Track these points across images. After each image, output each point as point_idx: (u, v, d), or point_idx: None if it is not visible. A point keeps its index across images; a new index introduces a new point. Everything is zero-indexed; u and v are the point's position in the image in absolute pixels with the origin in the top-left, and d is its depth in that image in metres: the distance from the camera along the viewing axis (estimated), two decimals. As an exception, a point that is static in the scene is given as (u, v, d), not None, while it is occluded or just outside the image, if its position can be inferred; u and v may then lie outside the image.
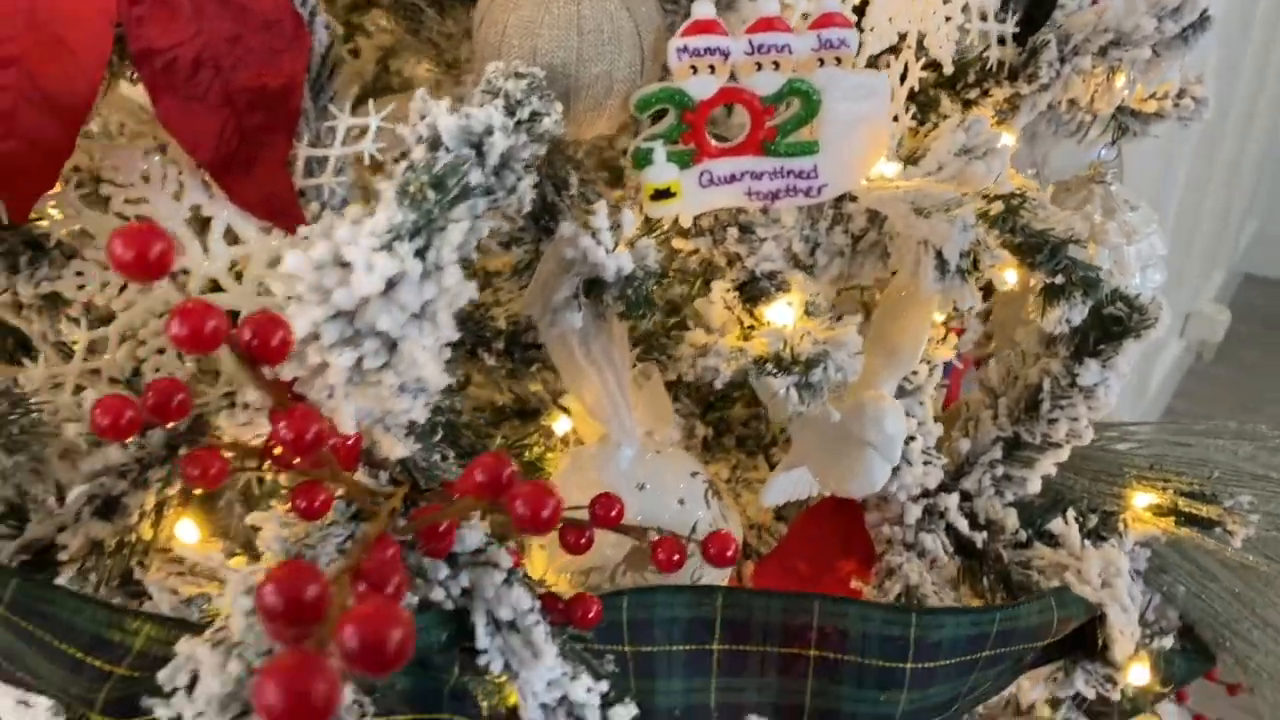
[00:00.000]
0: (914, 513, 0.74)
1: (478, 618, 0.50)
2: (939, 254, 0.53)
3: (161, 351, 0.60)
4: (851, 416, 0.59)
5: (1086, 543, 0.72)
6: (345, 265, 0.37)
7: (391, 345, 0.42)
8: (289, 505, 0.44)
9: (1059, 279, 0.66)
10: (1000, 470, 0.76)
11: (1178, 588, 0.83)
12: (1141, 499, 0.77)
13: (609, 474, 0.65)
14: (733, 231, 0.57)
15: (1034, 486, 0.76)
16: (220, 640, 0.40)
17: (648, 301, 0.53)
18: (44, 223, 0.60)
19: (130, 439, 0.48)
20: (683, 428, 0.83)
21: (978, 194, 0.55)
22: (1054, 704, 0.90)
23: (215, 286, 0.60)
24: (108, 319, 0.60)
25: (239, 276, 0.60)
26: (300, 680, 0.20)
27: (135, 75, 0.58)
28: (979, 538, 0.74)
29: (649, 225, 0.57)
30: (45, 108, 0.53)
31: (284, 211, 0.61)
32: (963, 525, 0.74)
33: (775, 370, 0.52)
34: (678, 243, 0.59)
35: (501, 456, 0.35)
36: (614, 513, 0.47)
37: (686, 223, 0.56)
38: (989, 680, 0.63)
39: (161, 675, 0.40)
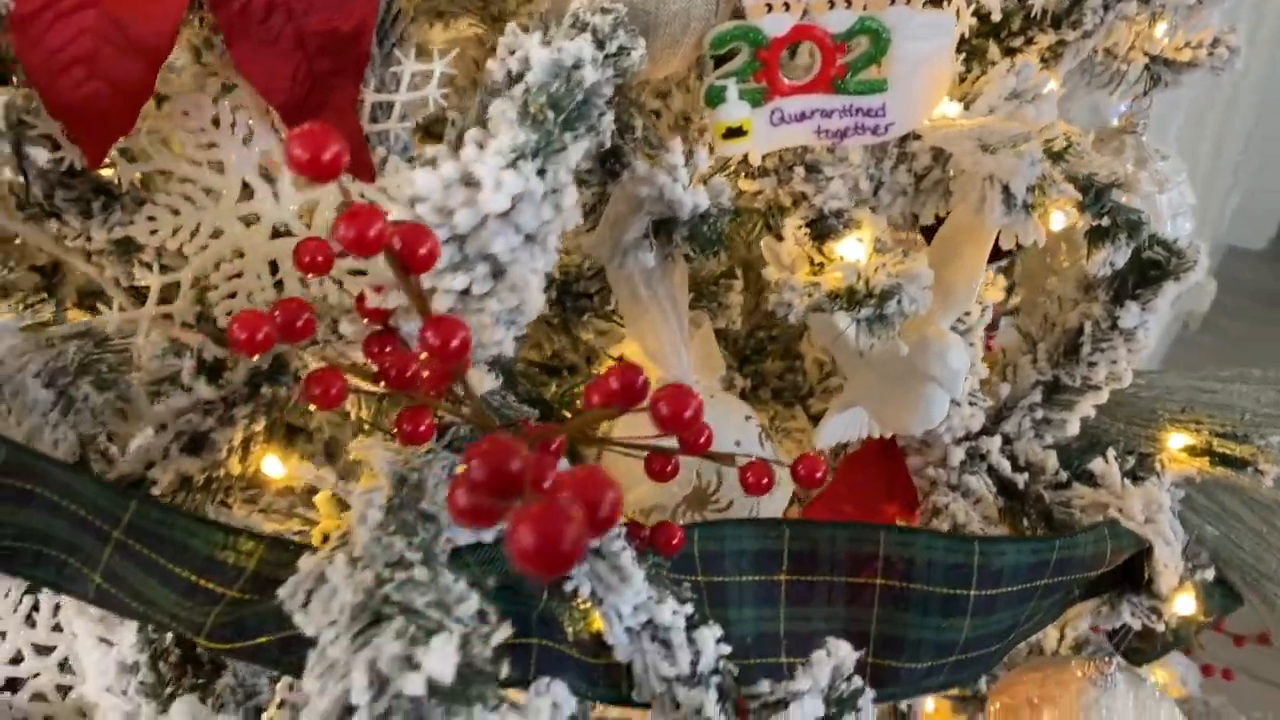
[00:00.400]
0: (957, 455, 0.76)
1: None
2: (1005, 188, 0.55)
3: (232, 295, 0.61)
4: (915, 352, 0.60)
5: (1126, 481, 0.74)
6: (473, 184, 0.38)
7: (499, 272, 0.43)
8: (393, 430, 0.45)
9: (1105, 221, 0.68)
10: (1040, 414, 0.78)
11: (1206, 529, 0.85)
12: (1176, 440, 0.79)
13: (667, 417, 0.67)
14: (799, 170, 0.58)
15: (1073, 429, 0.78)
16: (346, 555, 0.41)
17: (720, 239, 0.54)
18: (109, 171, 0.61)
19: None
20: (721, 380, 0.84)
21: (1042, 130, 0.57)
22: (1078, 646, 0.92)
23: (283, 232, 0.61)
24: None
25: (308, 223, 0.61)
26: (553, 524, 0.21)
27: (208, 19, 0.58)
28: (1020, 479, 0.76)
29: (718, 166, 0.58)
30: (126, 49, 0.54)
31: (353, 157, 0.61)
32: (1005, 467, 0.76)
33: (849, 304, 0.53)
34: (742, 184, 0.61)
35: (635, 365, 0.36)
36: (704, 439, 0.48)
37: (756, 161, 0.57)
38: (1043, 610, 0.65)
39: (283, 590, 0.41)
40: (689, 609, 0.52)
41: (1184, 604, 0.72)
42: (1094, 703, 0.73)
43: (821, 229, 0.57)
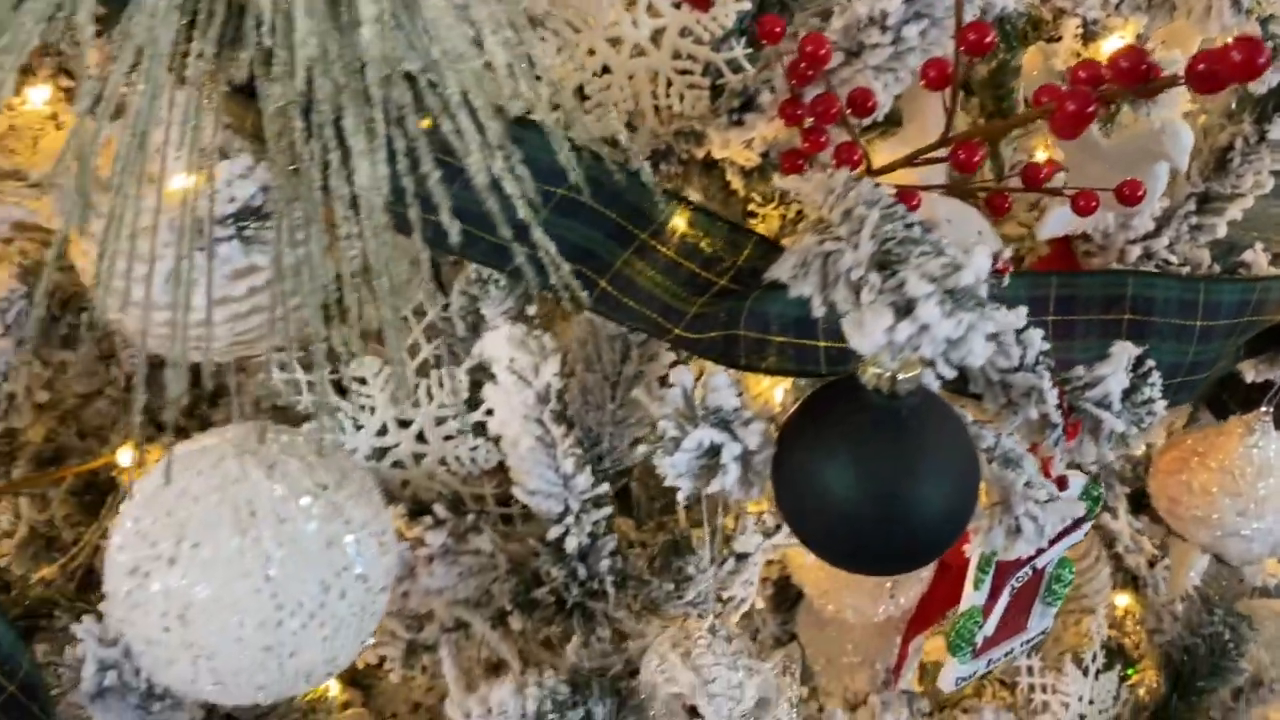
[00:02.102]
0: (1134, 253, 0.92)
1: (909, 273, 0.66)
2: (1234, -4, 0.70)
3: (599, 105, 0.75)
4: (1152, 134, 0.76)
5: (1270, 268, 0.91)
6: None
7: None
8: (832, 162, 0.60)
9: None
10: (1194, 220, 0.94)
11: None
12: (1300, 241, 0.96)
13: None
14: (1062, -9, 0.74)
15: (1221, 231, 0.94)
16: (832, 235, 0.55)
17: (1018, 36, 0.70)
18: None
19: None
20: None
21: (1262, -51, 0.72)
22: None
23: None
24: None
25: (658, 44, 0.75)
26: (1082, 99, 0.36)
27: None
28: (1185, 271, 0.92)
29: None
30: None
31: (693, -10, 0.75)
32: (1174, 260, 0.92)
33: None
34: (1010, 3, 0.76)
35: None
36: (1044, 174, 0.63)
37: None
38: (1230, 353, 0.81)
39: (781, 268, 0.55)
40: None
41: (1337, 349, 0.89)
42: (1252, 445, 0.90)
43: (1085, 34, 0.72)
